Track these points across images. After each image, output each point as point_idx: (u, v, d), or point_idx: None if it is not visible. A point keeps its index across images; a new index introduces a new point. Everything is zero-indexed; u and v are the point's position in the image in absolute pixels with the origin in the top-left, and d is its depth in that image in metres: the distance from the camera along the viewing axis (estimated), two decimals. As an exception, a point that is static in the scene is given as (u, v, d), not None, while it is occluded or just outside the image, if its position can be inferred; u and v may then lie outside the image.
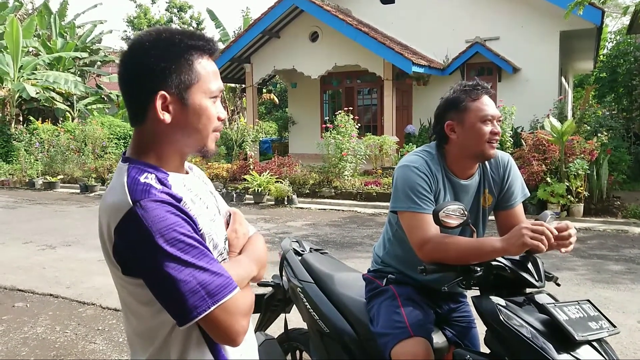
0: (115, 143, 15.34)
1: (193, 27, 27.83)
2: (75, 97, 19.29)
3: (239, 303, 1.09)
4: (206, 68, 1.17)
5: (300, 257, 2.42)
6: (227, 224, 1.32)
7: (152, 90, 1.12)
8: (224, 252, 1.24)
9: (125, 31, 27.29)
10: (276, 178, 10.66)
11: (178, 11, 27.68)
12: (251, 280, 1.24)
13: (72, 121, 18.00)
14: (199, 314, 1.04)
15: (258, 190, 10.30)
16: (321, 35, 13.19)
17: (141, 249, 1.04)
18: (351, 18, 13.57)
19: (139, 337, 1.17)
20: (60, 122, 17.95)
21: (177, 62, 1.13)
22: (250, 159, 12.17)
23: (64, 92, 18.66)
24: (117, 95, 21.30)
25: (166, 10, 27.50)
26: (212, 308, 1.04)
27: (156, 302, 1.08)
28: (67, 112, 18.89)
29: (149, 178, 1.11)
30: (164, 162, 1.18)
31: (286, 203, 10.10)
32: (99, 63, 23.45)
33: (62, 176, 13.89)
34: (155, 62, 1.12)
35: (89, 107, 20.08)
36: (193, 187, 1.22)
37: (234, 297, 1.08)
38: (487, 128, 1.88)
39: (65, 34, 21.81)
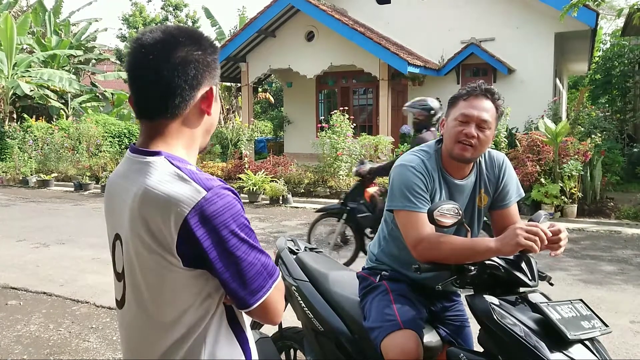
0: (110, 141, 15.26)
1: (189, 26, 27.70)
2: (69, 95, 19.20)
3: (281, 282, 1.18)
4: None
5: (295, 256, 2.42)
6: None
7: (204, 83, 1.15)
8: None
9: (121, 29, 27.20)
10: (271, 177, 10.66)
11: (174, 9, 27.57)
12: None
13: (67, 119, 17.92)
14: (265, 294, 1.11)
15: (253, 189, 10.29)
16: (317, 35, 13.20)
17: (217, 235, 1.06)
18: (347, 18, 13.58)
19: (166, 331, 1.12)
20: (54, 119, 17.86)
21: (214, 59, 1.18)
22: (246, 158, 12.16)
23: (58, 89, 18.57)
24: (112, 94, 21.23)
25: (162, 8, 27.39)
26: (272, 287, 1.12)
27: (203, 291, 1.11)
28: (61, 110, 18.81)
29: (194, 169, 1.12)
30: (190, 156, 1.18)
31: (281, 202, 10.10)
32: (93, 61, 23.36)
33: (56, 174, 13.83)
34: (206, 55, 1.15)
35: (83, 105, 20.00)
36: None
37: (280, 279, 1.16)
38: (460, 128, 1.87)
39: (60, 32, 21.70)
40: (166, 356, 1.13)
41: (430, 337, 1.96)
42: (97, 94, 21.25)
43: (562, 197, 8.08)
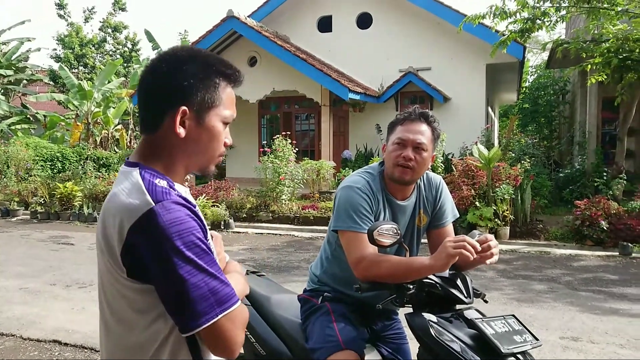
0: (42, 165, 14.56)
1: (128, 48, 27.15)
2: (-3, 116, 18.26)
3: (241, 315, 1.11)
4: (228, 95, 1.24)
5: (236, 280, 2.39)
6: None
7: (175, 103, 1.16)
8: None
9: (55, 49, 26.22)
10: (212, 202, 10.50)
11: (112, 31, 26.97)
12: None
13: (-7, 141, 16.97)
14: (208, 321, 1.04)
15: (194, 214, 10.08)
16: (260, 60, 13.29)
17: (158, 249, 1.03)
18: (289, 44, 13.77)
19: (125, 352, 1.13)
20: (-21, 142, 16.87)
21: (205, 83, 1.18)
22: (186, 183, 11.92)
23: (-16, 110, 17.62)
24: (44, 116, 20.36)
25: (100, 29, 26.72)
26: (219, 316, 1.05)
27: (152, 311, 1.07)
28: (-13, 132, 17.83)
29: (162, 183, 1.12)
30: (170, 172, 1.20)
31: (223, 227, 9.95)
32: (25, 82, 22.37)
33: (-20, 200, 13.01)
34: (186, 77, 1.16)
35: (12, 127, 19.04)
36: (191, 200, 1.24)
37: (237, 308, 1.09)
38: (398, 152, 1.95)
39: (-12, 50, 20.71)
40: None
41: (372, 356, 1.98)
42: (28, 116, 20.31)
43: (496, 220, 8.43)
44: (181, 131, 1.16)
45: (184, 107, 1.16)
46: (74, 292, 5.61)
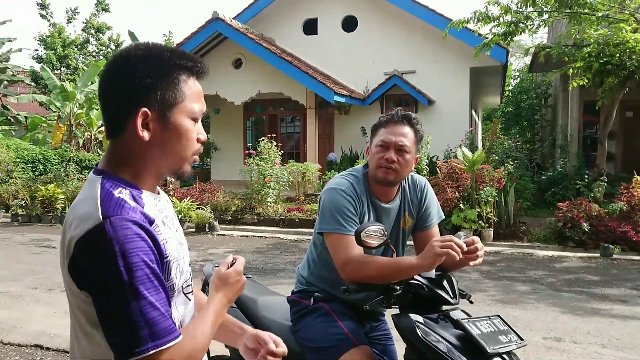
0: (23, 167, 14.32)
1: (111, 49, 26.87)
2: (-23, 117, 17.95)
3: (181, 352, 1.03)
4: (192, 88, 1.16)
5: (223, 282, 2.38)
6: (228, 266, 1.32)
7: (134, 105, 1.09)
8: (189, 279, 1.23)
9: (37, 50, 25.85)
10: (197, 204, 10.44)
11: (95, 32, 26.70)
12: None
13: (-27, 143, 16.66)
14: (138, 354, 0.97)
15: (178, 217, 9.99)
16: (245, 62, 13.26)
17: (99, 267, 0.99)
18: (275, 47, 13.77)
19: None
20: (-42, 144, 16.55)
21: (164, 80, 1.11)
22: (171, 185, 11.84)
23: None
24: (26, 117, 20.06)
25: (82, 30, 26.42)
26: (151, 352, 0.98)
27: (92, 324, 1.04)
28: (-33, 134, 17.51)
29: (123, 193, 1.07)
30: (139, 179, 1.14)
31: (208, 230, 9.89)
32: (5, 82, 22.02)
33: (-41, 202, 12.78)
34: (141, 77, 1.09)
35: (-7, 128, 18.73)
36: (164, 208, 1.19)
37: (176, 345, 1.02)
38: (381, 154, 1.96)
39: (-33, 51, 20.36)
40: None
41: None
42: (9, 118, 19.99)
43: (480, 222, 8.50)
44: (145, 134, 1.10)
45: (144, 109, 1.09)
46: (56, 296, 5.53)
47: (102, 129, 17.91)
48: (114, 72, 1.13)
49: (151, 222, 1.07)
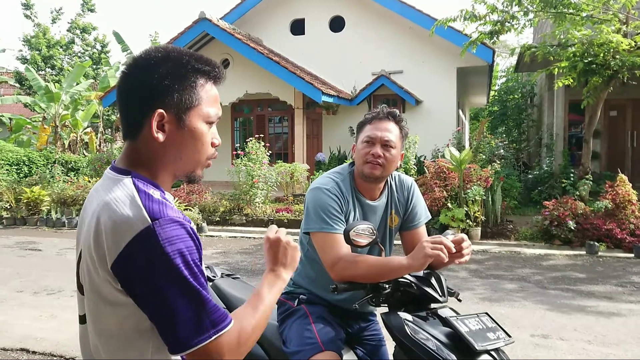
0: (7, 169, 14.15)
1: (97, 50, 26.63)
2: (-41, 119, 17.69)
3: (235, 337, 1.07)
4: (208, 93, 1.17)
5: (211, 283, 2.37)
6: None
7: (151, 106, 1.11)
8: None
9: (21, 51, 25.53)
10: (185, 206, 10.38)
11: (81, 32, 26.43)
12: None
13: (-44, 145, 16.41)
14: (199, 343, 1.02)
15: (166, 218, 9.95)
16: (232, 63, 13.22)
17: (155, 268, 1.00)
18: (262, 47, 13.75)
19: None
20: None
21: (181, 83, 1.13)
22: (158, 186, 11.76)
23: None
24: (10, 119, 19.81)
25: (68, 31, 26.14)
26: (211, 339, 1.03)
27: (135, 326, 1.05)
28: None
29: (156, 195, 1.08)
30: (157, 180, 1.16)
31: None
32: (-11, 83, 21.75)
33: (-59, 205, 12.57)
34: (160, 79, 1.11)
35: (-24, 130, 18.47)
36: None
37: (229, 330, 1.06)
38: (367, 149, 1.98)
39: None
40: None
41: (348, 357, 1.99)
42: (-8, 119, 19.73)
43: (467, 221, 8.55)
44: (159, 136, 1.11)
45: (160, 110, 1.11)
46: (43, 299, 5.46)
47: (88, 130, 17.77)
48: (133, 74, 1.14)
49: (190, 221, 1.10)
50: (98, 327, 1.11)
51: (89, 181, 12.35)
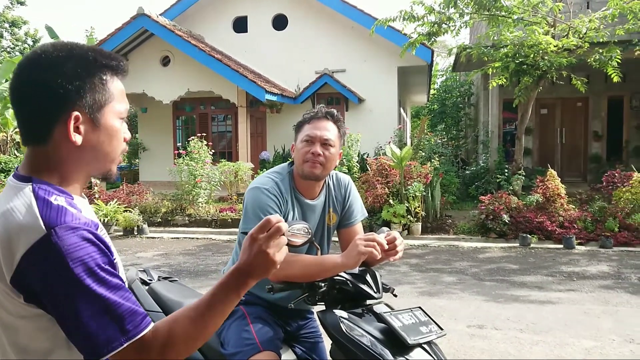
0: None
1: (28, 45, 25.33)
2: None
3: (159, 341, 1.02)
4: (117, 88, 1.14)
5: (147, 287, 2.32)
6: None
7: (63, 109, 1.05)
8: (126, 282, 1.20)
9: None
10: (125, 207, 10.07)
11: (10, 26, 25.07)
12: None
13: None
14: (111, 350, 0.98)
15: (104, 220, 9.61)
16: (173, 60, 12.93)
17: (55, 280, 0.96)
18: (204, 44, 13.52)
19: None
20: None
21: (92, 81, 1.08)
22: (96, 187, 11.35)
23: None
24: None
25: (-5, 24, 24.77)
26: (122, 346, 0.98)
27: (51, 337, 1.02)
28: None
29: (58, 200, 1.03)
30: (67, 184, 1.10)
31: (136, 233, 9.57)
32: None
33: None
34: (68, 79, 1.05)
35: None
36: (92, 213, 1.15)
37: (148, 335, 1.01)
38: (307, 148, 2.01)
39: None
40: None
41: (286, 356, 2.01)
42: None
43: (408, 217, 8.77)
44: (77, 139, 1.06)
45: (76, 113, 1.06)
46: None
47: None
48: (33, 75, 1.06)
49: (95, 226, 1.05)
50: (11, 341, 1.07)
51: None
